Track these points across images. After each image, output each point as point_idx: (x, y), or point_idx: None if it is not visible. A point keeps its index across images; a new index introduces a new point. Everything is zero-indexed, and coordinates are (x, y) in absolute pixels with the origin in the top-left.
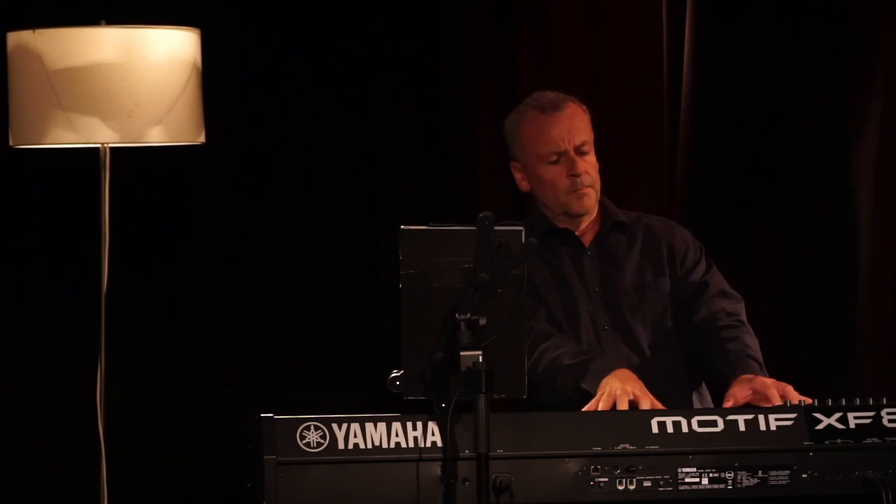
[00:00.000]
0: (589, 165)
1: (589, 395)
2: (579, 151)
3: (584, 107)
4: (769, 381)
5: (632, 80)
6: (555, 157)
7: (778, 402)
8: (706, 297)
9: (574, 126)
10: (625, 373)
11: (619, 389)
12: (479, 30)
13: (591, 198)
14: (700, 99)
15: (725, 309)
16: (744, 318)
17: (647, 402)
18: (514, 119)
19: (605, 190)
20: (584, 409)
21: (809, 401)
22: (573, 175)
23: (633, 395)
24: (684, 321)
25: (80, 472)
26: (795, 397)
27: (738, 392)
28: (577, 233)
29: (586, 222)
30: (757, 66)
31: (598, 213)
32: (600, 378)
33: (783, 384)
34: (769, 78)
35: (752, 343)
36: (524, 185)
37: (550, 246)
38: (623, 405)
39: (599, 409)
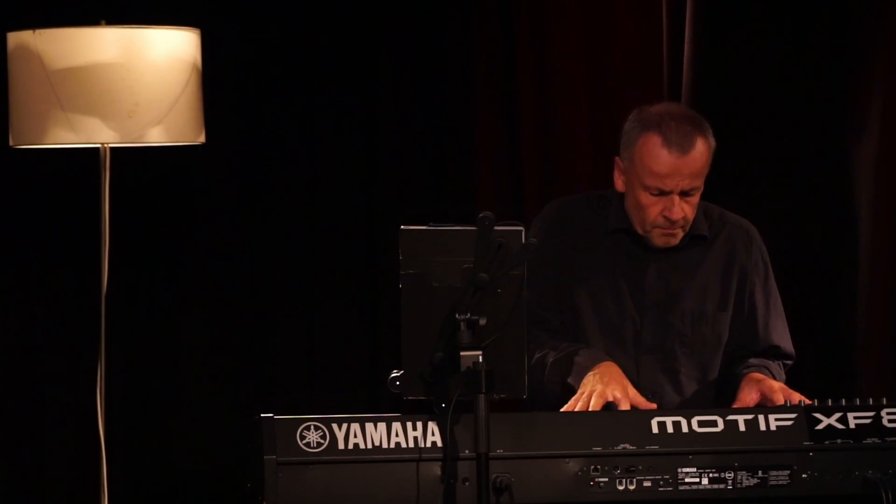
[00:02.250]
0: (689, 208)
1: (575, 391)
2: (685, 194)
3: (711, 138)
4: (777, 384)
5: (632, 79)
6: (657, 192)
7: (781, 401)
8: (756, 351)
9: (692, 171)
10: (609, 368)
11: (598, 393)
12: (479, 30)
13: (677, 238)
14: (700, 99)
15: (768, 368)
16: (781, 374)
17: (626, 403)
18: (637, 129)
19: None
20: (561, 410)
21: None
22: (667, 217)
23: (614, 396)
24: (726, 365)
25: (80, 472)
26: (797, 400)
27: (746, 395)
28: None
29: None
30: (757, 66)
31: None
32: (585, 373)
33: (791, 391)
34: (769, 78)
35: (777, 375)
36: (619, 185)
37: (615, 244)
38: (597, 408)
39: (577, 410)
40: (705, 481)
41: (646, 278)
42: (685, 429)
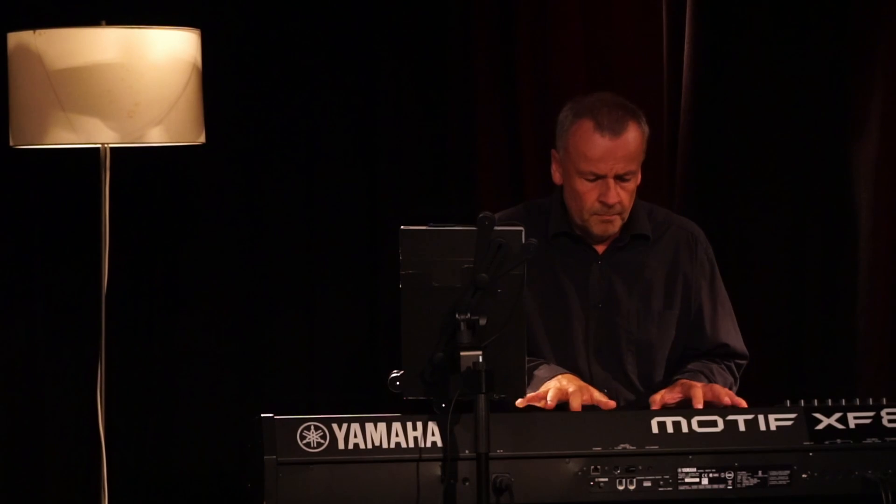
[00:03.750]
0: (625, 193)
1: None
2: (621, 178)
3: (645, 125)
4: (700, 384)
5: (632, 79)
6: (592, 177)
7: (700, 403)
8: (705, 351)
9: (625, 154)
10: (570, 377)
11: (555, 388)
12: (479, 29)
13: (615, 225)
14: (700, 97)
15: (705, 374)
16: (733, 367)
17: (577, 400)
18: (569, 118)
19: None
20: (521, 400)
21: (744, 404)
22: (603, 202)
23: (569, 391)
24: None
25: (80, 472)
26: (726, 401)
27: (667, 393)
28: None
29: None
30: (757, 65)
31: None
32: (543, 382)
33: (717, 387)
34: (769, 77)
35: (719, 376)
36: (557, 178)
37: (557, 248)
38: (576, 402)
39: (549, 398)
40: (705, 481)
41: (589, 279)
42: (685, 429)
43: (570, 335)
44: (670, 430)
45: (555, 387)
